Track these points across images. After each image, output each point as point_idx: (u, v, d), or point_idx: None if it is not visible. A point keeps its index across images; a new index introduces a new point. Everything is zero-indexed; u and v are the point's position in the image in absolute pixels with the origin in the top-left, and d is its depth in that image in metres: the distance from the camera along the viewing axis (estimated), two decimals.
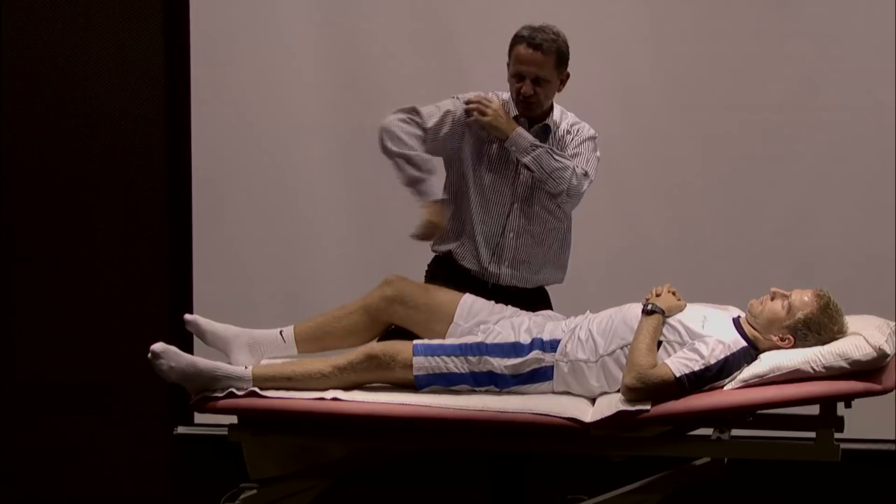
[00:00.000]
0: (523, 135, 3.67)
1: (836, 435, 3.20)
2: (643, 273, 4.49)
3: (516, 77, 3.68)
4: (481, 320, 3.54)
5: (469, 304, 3.60)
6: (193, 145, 4.80)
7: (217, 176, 4.81)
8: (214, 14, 4.76)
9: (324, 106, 4.75)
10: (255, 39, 4.76)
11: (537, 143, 3.67)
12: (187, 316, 3.62)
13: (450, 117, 3.73)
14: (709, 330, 3.29)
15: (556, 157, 3.66)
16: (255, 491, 3.45)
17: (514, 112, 3.74)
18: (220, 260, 4.84)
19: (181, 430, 4.85)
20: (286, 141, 4.78)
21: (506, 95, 3.79)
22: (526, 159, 3.66)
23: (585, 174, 3.71)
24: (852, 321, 3.33)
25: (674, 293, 3.42)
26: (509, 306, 3.62)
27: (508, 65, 3.72)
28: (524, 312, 3.59)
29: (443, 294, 3.63)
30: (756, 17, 4.53)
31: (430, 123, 3.71)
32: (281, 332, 3.62)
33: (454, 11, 4.64)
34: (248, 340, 3.59)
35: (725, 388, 3.22)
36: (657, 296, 3.40)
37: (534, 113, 3.72)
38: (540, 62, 3.65)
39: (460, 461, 4.31)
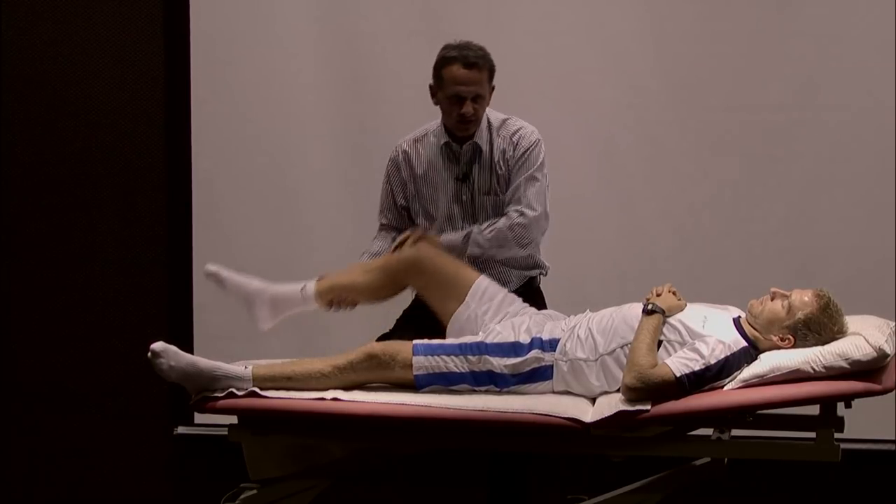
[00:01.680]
0: (450, 242, 3.70)
1: (836, 435, 3.19)
2: (643, 273, 4.49)
3: (454, 99, 3.64)
4: (491, 308, 3.54)
5: (483, 287, 3.60)
6: (193, 145, 4.80)
7: (217, 176, 4.81)
8: (214, 14, 4.76)
9: (324, 106, 4.74)
10: (255, 39, 4.76)
11: (463, 236, 3.69)
12: (209, 266, 3.62)
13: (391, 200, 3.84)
14: (709, 330, 3.29)
15: (488, 233, 3.68)
16: (255, 491, 3.44)
17: (443, 138, 3.73)
18: (220, 260, 4.78)
19: (181, 430, 4.85)
20: (286, 141, 4.78)
21: (430, 124, 3.80)
22: (476, 252, 3.70)
23: (531, 211, 3.68)
24: (852, 321, 3.33)
25: (674, 293, 3.42)
26: (518, 299, 3.63)
27: (437, 87, 3.67)
28: (529, 309, 3.59)
29: (462, 271, 3.63)
30: (756, 17, 4.52)
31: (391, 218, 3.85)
32: (303, 288, 3.62)
33: (454, 12, 4.63)
34: (270, 297, 3.61)
35: (725, 388, 3.22)
36: (657, 295, 3.40)
37: (471, 132, 3.71)
38: (477, 80, 3.63)
39: (460, 461, 4.31)
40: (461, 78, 3.62)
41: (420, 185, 3.79)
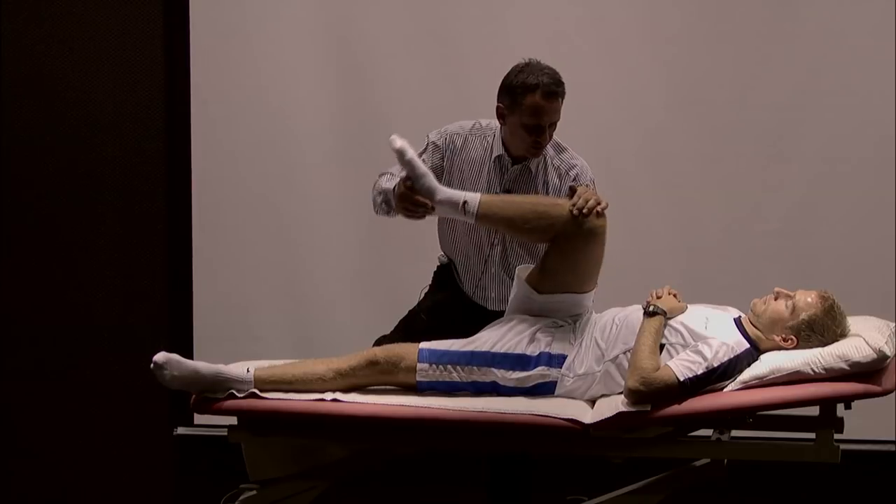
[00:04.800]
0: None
1: (836, 436, 3.20)
2: (643, 273, 4.49)
3: (531, 128, 3.53)
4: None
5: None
6: (193, 146, 4.80)
7: (217, 177, 4.81)
8: (214, 15, 4.76)
9: (324, 106, 4.74)
10: (255, 40, 4.76)
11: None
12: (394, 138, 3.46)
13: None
14: (711, 331, 3.29)
15: None
16: (255, 492, 3.44)
17: (499, 150, 3.65)
18: (220, 260, 4.83)
19: (181, 430, 4.85)
20: (286, 141, 4.77)
21: (485, 122, 3.71)
22: None
23: None
24: (852, 322, 3.33)
25: (674, 295, 3.41)
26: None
27: (510, 111, 3.54)
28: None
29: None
30: (756, 16, 4.52)
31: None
32: (464, 204, 3.46)
33: (456, 15, 4.63)
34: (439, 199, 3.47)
35: (726, 389, 3.22)
36: (657, 297, 3.39)
37: (539, 156, 3.64)
38: (557, 108, 3.53)
39: (461, 461, 4.30)
40: (543, 108, 3.49)
41: (456, 180, 3.68)
